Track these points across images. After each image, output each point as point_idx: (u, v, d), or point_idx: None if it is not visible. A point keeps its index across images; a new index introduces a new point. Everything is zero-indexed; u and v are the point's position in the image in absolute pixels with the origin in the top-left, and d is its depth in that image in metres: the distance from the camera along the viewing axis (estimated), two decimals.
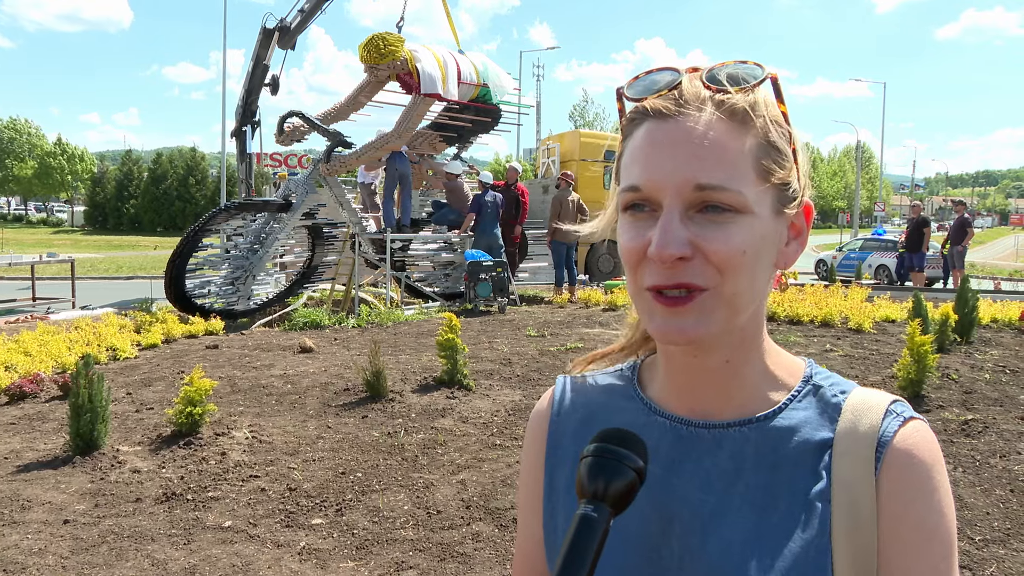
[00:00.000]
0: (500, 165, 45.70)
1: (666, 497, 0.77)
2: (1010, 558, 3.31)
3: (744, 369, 0.78)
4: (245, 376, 6.42)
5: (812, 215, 0.78)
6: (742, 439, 0.77)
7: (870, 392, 0.78)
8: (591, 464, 0.67)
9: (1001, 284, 19.19)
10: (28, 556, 3.37)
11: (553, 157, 17.58)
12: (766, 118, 0.73)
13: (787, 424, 0.77)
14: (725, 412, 0.78)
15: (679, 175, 0.69)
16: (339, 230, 11.19)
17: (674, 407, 0.81)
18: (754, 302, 0.74)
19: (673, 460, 0.78)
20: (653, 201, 0.71)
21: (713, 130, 0.70)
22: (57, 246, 33.78)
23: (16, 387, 5.95)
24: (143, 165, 61.64)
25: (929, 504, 0.72)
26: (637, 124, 0.74)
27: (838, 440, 0.74)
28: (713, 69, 0.74)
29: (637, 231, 0.72)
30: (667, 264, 0.69)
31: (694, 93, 0.72)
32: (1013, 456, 4.41)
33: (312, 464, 4.47)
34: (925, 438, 0.74)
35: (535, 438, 0.91)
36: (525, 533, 0.91)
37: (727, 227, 0.70)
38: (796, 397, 0.79)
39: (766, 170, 0.72)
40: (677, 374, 0.80)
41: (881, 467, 0.72)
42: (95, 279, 21.02)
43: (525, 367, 6.67)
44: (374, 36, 10.66)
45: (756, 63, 0.74)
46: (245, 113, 12.37)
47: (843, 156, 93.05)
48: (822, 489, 0.73)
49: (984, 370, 6.27)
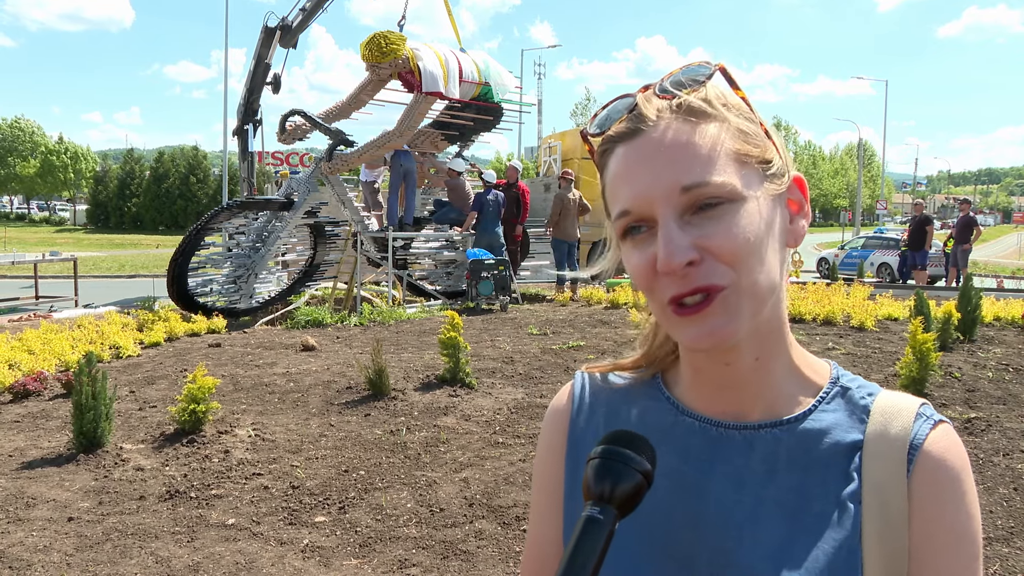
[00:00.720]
0: (502, 163, 45.72)
1: (698, 498, 0.77)
2: (1014, 556, 3.31)
3: (774, 366, 0.78)
4: (248, 374, 6.43)
5: (806, 187, 0.78)
6: (774, 441, 0.77)
7: (897, 395, 0.79)
8: (597, 466, 0.66)
9: (1004, 282, 19.14)
10: (33, 553, 3.38)
11: (555, 155, 17.58)
12: (725, 106, 0.73)
13: (818, 426, 0.77)
14: (754, 413, 0.78)
15: (662, 184, 0.70)
16: (341, 228, 11.20)
17: (702, 408, 0.80)
18: (774, 288, 0.74)
19: (704, 461, 0.78)
20: (647, 218, 0.71)
21: (679, 133, 0.71)
22: (60, 245, 33.82)
23: (20, 385, 5.96)
24: (145, 164, 61.73)
25: (960, 507, 0.73)
26: (609, 153, 0.75)
27: (868, 442, 0.75)
28: (663, 81, 0.75)
29: (641, 252, 0.72)
30: (678, 274, 0.69)
31: (652, 108, 0.73)
32: (1016, 454, 4.40)
33: (315, 462, 4.47)
34: (955, 442, 0.75)
35: (554, 436, 0.89)
36: (539, 534, 0.89)
37: (725, 219, 0.70)
38: (825, 399, 0.79)
39: (742, 153, 0.72)
40: (709, 382, 0.80)
41: (914, 470, 0.73)
42: (98, 278, 21.05)
43: (527, 365, 6.68)
44: (376, 35, 10.66)
45: (702, 62, 0.75)
46: (247, 112, 12.37)
47: (845, 154, 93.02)
48: (853, 491, 0.74)
49: (987, 368, 6.27)
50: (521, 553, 3.37)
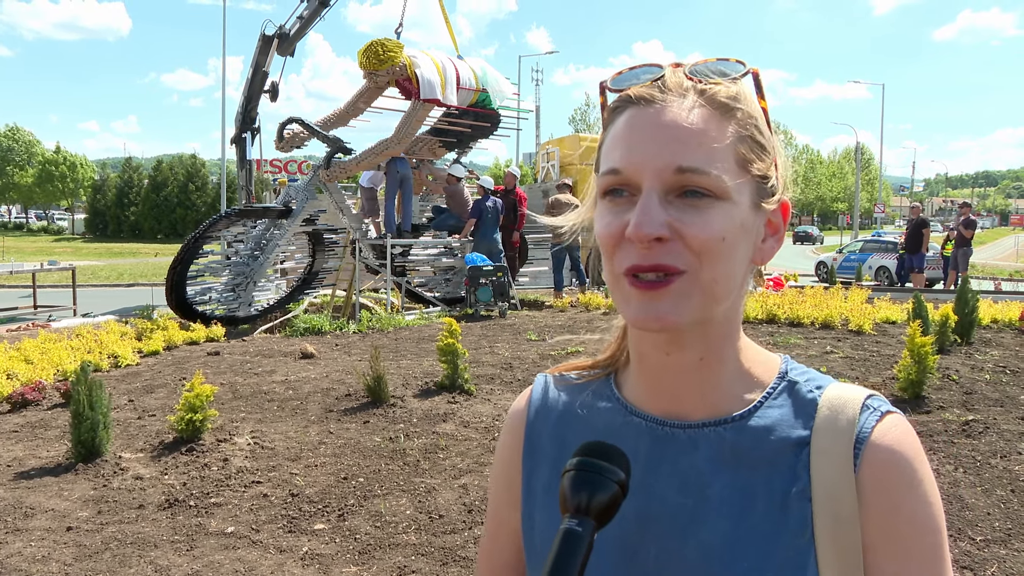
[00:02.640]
0: (500, 170, 45.68)
1: (644, 499, 0.77)
2: (1011, 558, 3.32)
3: (718, 367, 0.78)
4: (246, 382, 6.43)
5: (789, 214, 0.79)
6: (718, 439, 0.76)
7: (846, 387, 0.78)
8: (574, 478, 0.67)
9: (1001, 285, 19.18)
10: (32, 563, 3.38)
11: (553, 161, 17.61)
12: (747, 110, 0.74)
13: (763, 423, 0.76)
14: (699, 412, 0.78)
15: (660, 158, 0.70)
16: (339, 236, 11.21)
17: (649, 407, 0.80)
18: (731, 294, 0.74)
19: (651, 461, 0.78)
20: (633, 184, 0.71)
21: (695, 116, 0.71)
22: (58, 254, 33.81)
23: (18, 395, 5.96)
24: (143, 172, 61.78)
25: (917, 496, 0.72)
26: (619, 112, 0.75)
27: (815, 437, 0.74)
28: (696, 64, 0.75)
29: (615, 215, 0.72)
30: (644, 245, 0.69)
31: (677, 82, 0.73)
32: (1014, 456, 4.41)
33: (314, 469, 4.47)
34: (904, 431, 0.74)
35: (511, 437, 0.91)
36: (498, 522, 0.92)
37: (706, 212, 0.70)
38: (771, 395, 0.78)
39: (746, 160, 0.73)
40: (651, 374, 0.80)
41: (861, 464, 0.72)
42: (96, 287, 21.05)
43: (526, 371, 6.68)
44: (373, 42, 10.70)
45: (738, 60, 0.76)
46: (245, 120, 12.39)
47: (843, 158, 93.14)
48: (801, 488, 0.73)
49: (984, 371, 6.28)
50: None
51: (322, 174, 10.88)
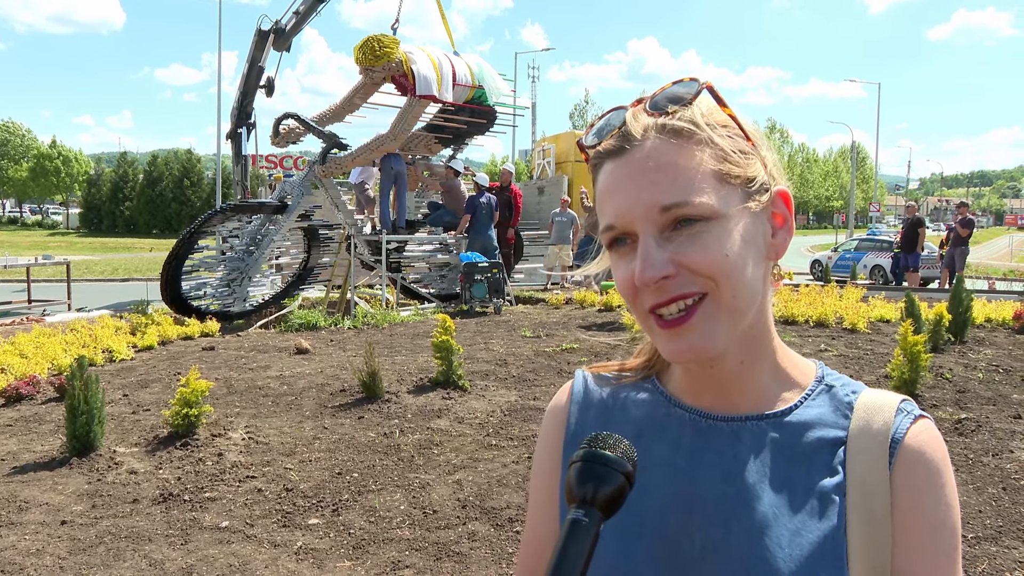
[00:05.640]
0: (496, 166, 45.69)
1: (688, 487, 0.80)
2: (1002, 555, 3.34)
3: (758, 367, 0.81)
4: (241, 377, 6.43)
5: (791, 201, 0.81)
6: (760, 432, 0.80)
7: (880, 392, 0.82)
8: (580, 469, 0.68)
9: (996, 284, 19.24)
10: (26, 557, 3.38)
11: (549, 158, 17.62)
12: (710, 126, 0.76)
13: (802, 420, 0.80)
14: (741, 407, 0.82)
15: (642, 203, 0.73)
16: (335, 231, 11.19)
17: (692, 401, 0.84)
18: (754, 300, 0.77)
19: (694, 451, 0.81)
20: (630, 233, 0.75)
21: (662, 154, 0.74)
22: (53, 248, 33.68)
23: (12, 389, 5.95)
24: (138, 167, 61.51)
25: (940, 498, 0.76)
26: (599, 167, 0.79)
27: (852, 438, 0.78)
28: (654, 97, 0.78)
29: (625, 264, 0.76)
30: (654, 287, 0.73)
31: (638, 127, 0.76)
32: (1005, 454, 4.44)
33: (308, 465, 4.48)
34: (934, 436, 0.78)
35: (552, 432, 0.92)
36: (535, 527, 0.92)
37: (702, 236, 0.73)
38: (810, 396, 0.82)
39: (723, 173, 0.75)
40: (694, 377, 0.83)
41: (895, 463, 0.76)
42: (91, 281, 20.98)
43: (520, 368, 6.69)
44: (369, 38, 10.68)
45: (691, 78, 0.78)
46: (240, 115, 12.37)
47: (838, 157, 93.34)
48: (838, 483, 0.77)
49: (977, 369, 6.31)
50: (514, 555, 3.38)
51: (318, 170, 10.87)
